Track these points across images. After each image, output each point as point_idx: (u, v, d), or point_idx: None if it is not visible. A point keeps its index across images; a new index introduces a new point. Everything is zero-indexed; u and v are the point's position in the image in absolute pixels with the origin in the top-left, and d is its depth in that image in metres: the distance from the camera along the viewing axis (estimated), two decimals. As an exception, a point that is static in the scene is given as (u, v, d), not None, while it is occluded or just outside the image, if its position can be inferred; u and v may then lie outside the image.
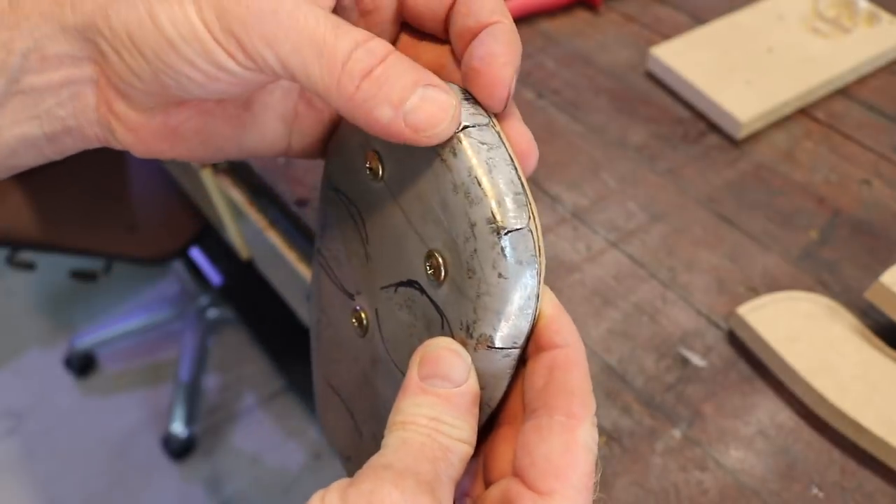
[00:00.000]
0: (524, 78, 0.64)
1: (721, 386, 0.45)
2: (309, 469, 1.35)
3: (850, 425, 0.41)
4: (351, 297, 0.30)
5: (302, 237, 0.58)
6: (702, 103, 0.60)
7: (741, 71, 0.61)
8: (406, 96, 0.22)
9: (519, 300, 0.23)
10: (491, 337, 0.23)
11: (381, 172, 0.26)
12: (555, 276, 0.50)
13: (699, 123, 0.60)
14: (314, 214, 0.55)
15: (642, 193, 0.55)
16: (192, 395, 1.42)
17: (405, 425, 0.23)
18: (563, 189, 0.56)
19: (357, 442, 0.32)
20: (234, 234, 0.84)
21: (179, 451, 1.37)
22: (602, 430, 0.43)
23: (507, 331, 0.23)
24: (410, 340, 0.26)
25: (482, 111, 0.24)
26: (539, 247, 0.23)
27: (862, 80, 0.62)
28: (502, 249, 0.22)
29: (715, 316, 0.48)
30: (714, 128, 0.60)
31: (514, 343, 0.23)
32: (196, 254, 1.54)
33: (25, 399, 1.48)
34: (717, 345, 0.47)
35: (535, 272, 0.23)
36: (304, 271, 0.60)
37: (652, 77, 0.64)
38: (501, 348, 0.23)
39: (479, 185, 0.22)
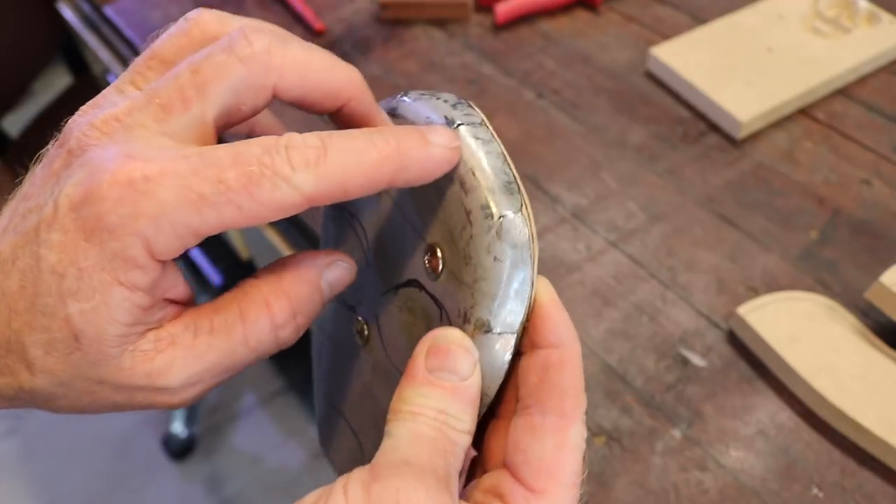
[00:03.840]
0: (524, 78, 0.64)
1: (721, 386, 0.45)
2: (309, 469, 1.35)
3: (850, 425, 0.41)
4: (352, 309, 0.31)
5: (302, 237, 0.58)
6: (702, 103, 0.60)
7: (741, 71, 0.61)
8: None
9: (514, 283, 0.24)
10: (488, 322, 0.24)
11: None
12: (555, 276, 0.50)
13: (699, 123, 0.60)
14: (313, 213, 0.55)
15: (642, 193, 0.55)
16: (192, 395, 1.42)
17: (414, 416, 0.23)
18: (563, 189, 0.56)
19: (360, 460, 0.33)
20: (234, 233, 0.84)
21: (179, 451, 1.37)
22: (602, 430, 0.43)
23: (503, 315, 0.24)
24: (410, 340, 0.27)
25: (475, 112, 0.25)
26: (532, 234, 0.24)
27: (862, 80, 0.62)
28: (497, 233, 0.23)
29: (715, 316, 0.48)
30: (714, 128, 0.60)
31: (511, 328, 0.24)
32: (196, 254, 1.54)
33: (25, 399, 1.48)
34: (717, 345, 0.46)
35: (528, 256, 0.24)
36: (304, 271, 0.60)
37: (652, 77, 0.64)
38: (498, 333, 0.24)
39: (474, 175, 0.24)
